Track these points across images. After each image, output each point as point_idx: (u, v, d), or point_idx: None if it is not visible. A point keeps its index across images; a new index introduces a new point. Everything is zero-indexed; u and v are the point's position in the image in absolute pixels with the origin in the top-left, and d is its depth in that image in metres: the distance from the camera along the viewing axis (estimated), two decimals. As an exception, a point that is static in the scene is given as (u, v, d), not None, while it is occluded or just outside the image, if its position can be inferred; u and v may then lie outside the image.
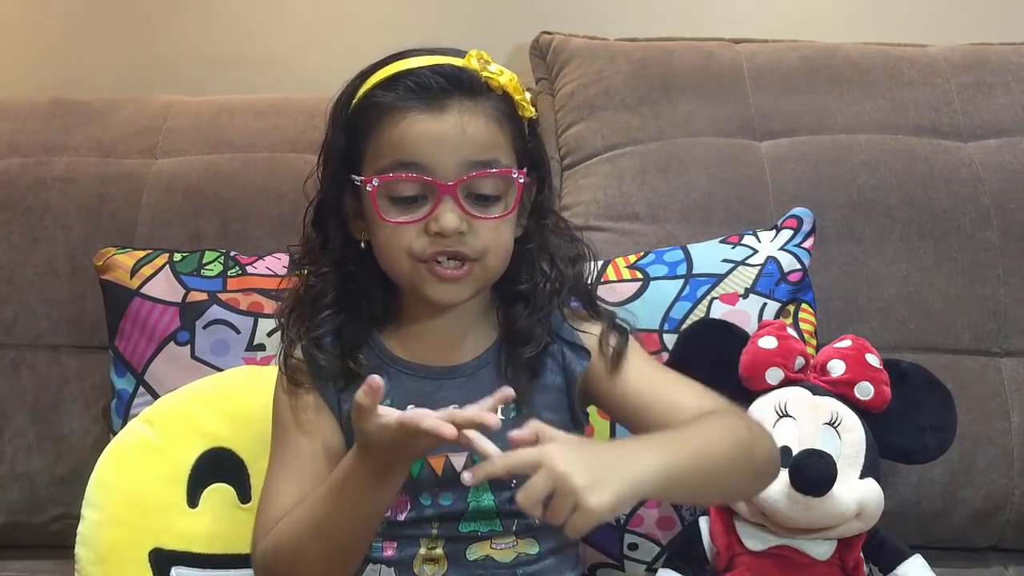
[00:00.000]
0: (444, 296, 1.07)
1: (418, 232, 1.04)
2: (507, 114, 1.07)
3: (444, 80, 1.05)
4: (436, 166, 1.03)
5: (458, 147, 1.04)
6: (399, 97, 1.05)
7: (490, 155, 1.05)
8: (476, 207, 1.05)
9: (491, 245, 1.06)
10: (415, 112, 1.04)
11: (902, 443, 1.23)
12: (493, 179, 1.05)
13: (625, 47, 1.64)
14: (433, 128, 1.04)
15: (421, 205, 1.05)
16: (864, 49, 1.63)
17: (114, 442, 1.26)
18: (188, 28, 1.83)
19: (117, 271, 1.38)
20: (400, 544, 1.07)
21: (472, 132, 1.04)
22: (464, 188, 1.04)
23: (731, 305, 1.32)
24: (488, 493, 1.07)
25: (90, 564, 1.21)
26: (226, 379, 1.29)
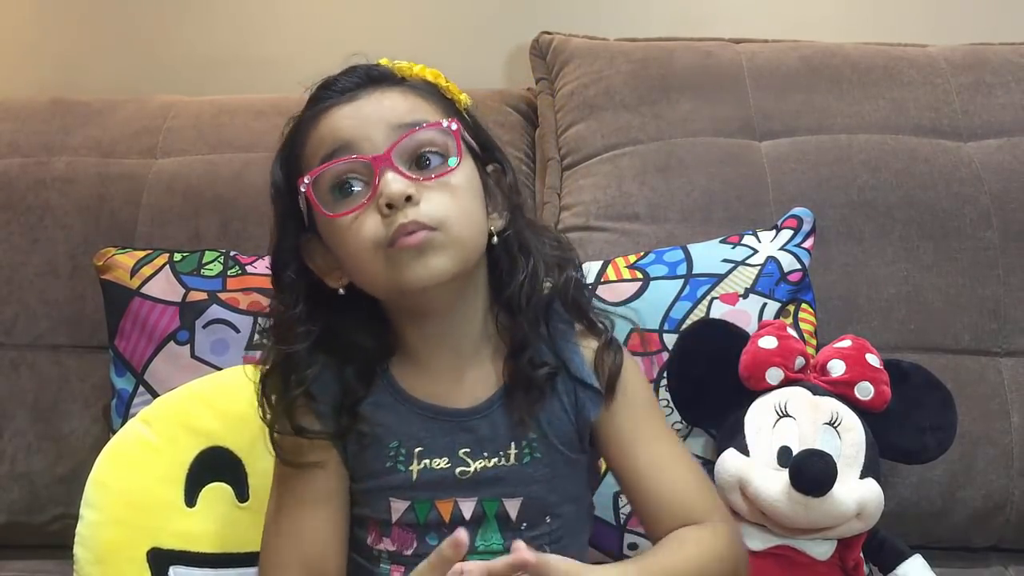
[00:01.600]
0: (420, 275, 0.99)
1: (372, 218, 0.98)
2: (432, 94, 1.05)
3: (357, 78, 1.04)
4: (364, 144, 1.00)
5: (380, 118, 1.00)
6: (317, 107, 1.04)
7: (415, 117, 1.01)
8: (419, 172, 1.00)
9: (450, 211, 0.99)
10: (333, 108, 1.03)
11: (902, 443, 1.22)
12: (426, 135, 1.00)
13: (625, 47, 1.64)
14: (351, 111, 1.02)
15: (365, 192, 0.99)
16: (864, 49, 1.63)
17: (112, 442, 1.26)
18: (188, 28, 1.83)
19: (117, 271, 1.38)
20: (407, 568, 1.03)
21: (391, 104, 1.02)
22: (400, 154, 1.00)
23: (731, 305, 1.32)
24: (497, 535, 1.04)
25: (88, 564, 1.21)
26: (224, 378, 1.29)
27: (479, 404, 1.06)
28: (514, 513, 1.04)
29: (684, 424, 1.29)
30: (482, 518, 1.03)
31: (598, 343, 1.08)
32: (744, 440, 1.19)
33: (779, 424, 1.19)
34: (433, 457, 1.04)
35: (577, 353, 1.07)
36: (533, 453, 1.05)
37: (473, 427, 1.05)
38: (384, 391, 1.06)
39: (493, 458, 1.04)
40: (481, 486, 1.03)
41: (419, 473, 1.04)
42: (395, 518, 1.04)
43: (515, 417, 1.04)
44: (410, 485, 1.04)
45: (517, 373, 1.05)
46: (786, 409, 1.19)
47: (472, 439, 1.04)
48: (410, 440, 1.04)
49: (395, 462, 1.04)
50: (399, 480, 1.04)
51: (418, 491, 1.04)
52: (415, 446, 1.04)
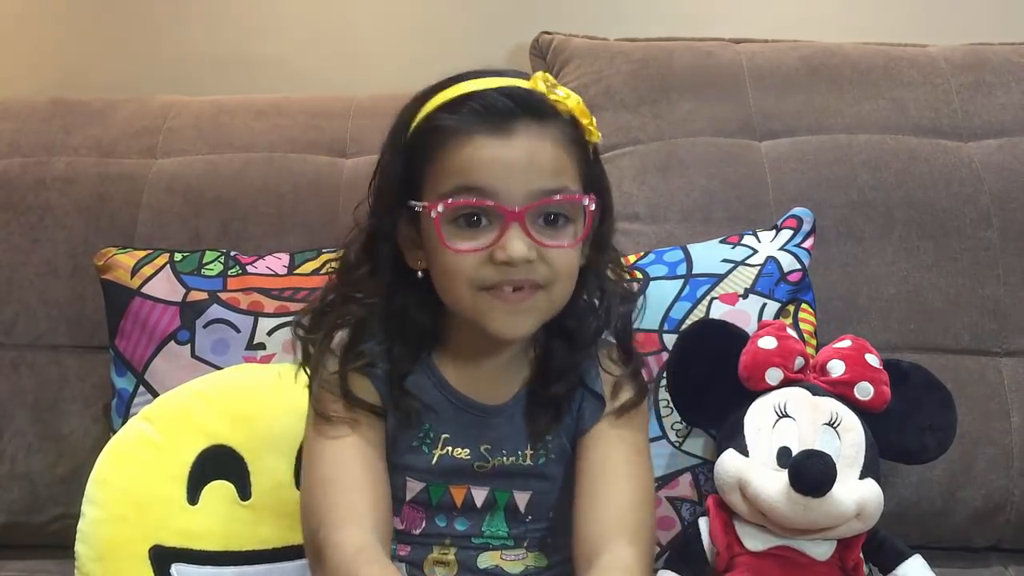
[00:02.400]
0: (507, 330, 1.02)
1: (483, 261, 1.00)
2: (574, 139, 1.03)
3: (511, 103, 1.00)
4: (503, 192, 0.99)
5: (526, 174, 0.99)
6: (463, 120, 1.00)
7: (558, 182, 1.01)
8: (544, 234, 1.01)
9: (561, 273, 1.02)
10: (481, 136, 0.99)
11: (902, 443, 1.22)
12: (562, 206, 1.01)
13: (625, 47, 1.64)
14: (500, 153, 0.99)
15: (486, 232, 1.00)
16: (864, 49, 1.63)
17: (114, 440, 1.26)
18: (188, 28, 1.83)
19: (118, 271, 1.38)
20: (414, 548, 1.09)
21: (540, 158, 1.00)
22: (532, 215, 1.00)
23: (731, 305, 1.32)
24: (503, 524, 1.08)
25: (90, 561, 1.21)
26: (226, 377, 1.29)
27: (504, 403, 1.09)
28: (523, 505, 1.08)
29: (684, 424, 1.29)
30: (492, 506, 1.08)
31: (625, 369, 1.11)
32: (744, 440, 1.19)
33: (779, 424, 1.19)
34: (456, 446, 1.08)
35: (594, 367, 1.10)
36: (548, 454, 1.09)
37: (496, 424, 1.08)
38: (425, 375, 1.09)
39: (511, 456, 1.08)
40: (496, 478, 1.07)
41: (439, 458, 1.07)
42: (408, 496, 1.08)
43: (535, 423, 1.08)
44: (428, 468, 1.07)
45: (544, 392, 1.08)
46: (786, 409, 1.19)
47: (494, 436, 1.08)
48: (440, 426, 1.08)
49: (421, 443, 1.08)
50: (420, 461, 1.07)
51: (435, 475, 1.07)
52: (443, 432, 1.07)
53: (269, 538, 1.20)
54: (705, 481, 1.28)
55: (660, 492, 1.29)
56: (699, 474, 1.29)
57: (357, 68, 1.79)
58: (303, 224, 1.50)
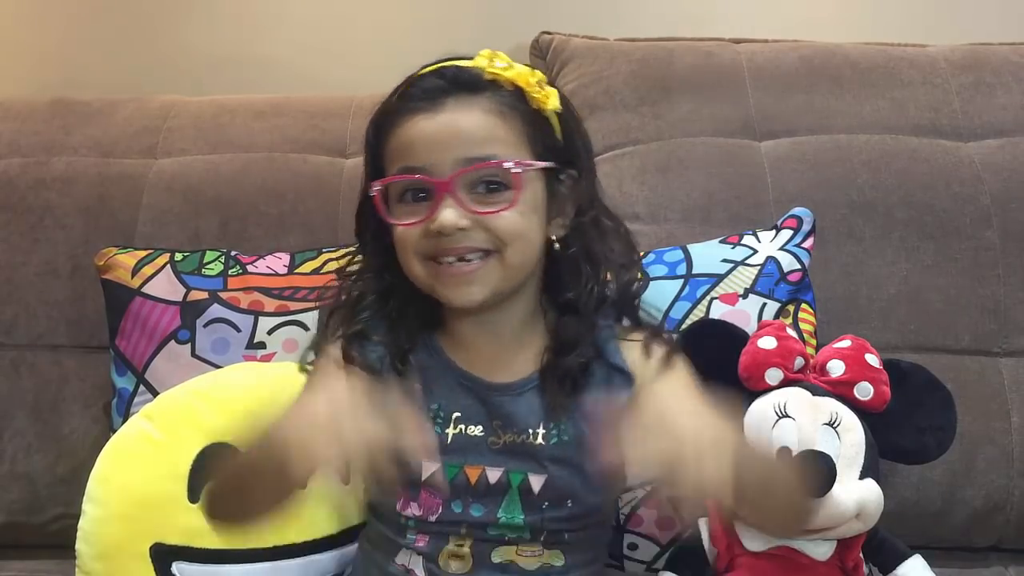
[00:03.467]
0: (457, 298, 1.07)
1: (423, 233, 1.05)
2: (512, 107, 1.06)
3: (443, 81, 1.06)
4: (433, 165, 1.04)
5: (451, 145, 1.04)
6: (403, 104, 1.07)
7: (486, 150, 1.05)
8: (482, 202, 1.04)
9: (504, 236, 1.05)
10: (415, 114, 1.06)
11: (902, 443, 1.22)
12: (493, 171, 1.04)
13: (625, 47, 1.64)
14: (427, 128, 1.05)
15: (426, 206, 1.05)
16: (864, 49, 1.62)
17: (114, 438, 1.27)
18: (188, 28, 1.83)
19: (118, 271, 1.38)
20: (432, 537, 1.09)
21: (466, 128, 1.05)
22: (465, 184, 1.04)
23: (731, 305, 1.32)
24: (519, 513, 1.08)
25: (91, 560, 1.21)
26: (227, 375, 1.29)
27: (515, 382, 1.10)
28: (537, 488, 1.07)
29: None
30: (506, 488, 1.08)
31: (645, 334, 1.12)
32: (744, 440, 1.19)
33: (779, 424, 1.19)
34: (469, 424, 1.09)
35: (612, 342, 1.11)
36: (562, 436, 1.08)
37: (507, 402, 1.09)
38: (430, 356, 1.11)
39: (522, 435, 1.08)
40: (510, 458, 1.07)
41: (454, 437, 1.08)
42: (424, 476, 1.08)
43: (550, 402, 1.08)
44: (444, 448, 1.08)
45: (557, 366, 1.09)
46: (785, 409, 1.19)
47: (505, 413, 1.09)
48: (450, 405, 1.09)
49: (433, 423, 1.09)
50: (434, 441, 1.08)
51: (450, 455, 1.08)
52: (454, 411, 1.09)
53: (269, 536, 1.20)
54: (705, 481, 1.28)
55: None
56: (699, 474, 1.28)
57: (357, 68, 1.79)
58: (303, 224, 1.50)
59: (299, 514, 1.20)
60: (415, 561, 1.09)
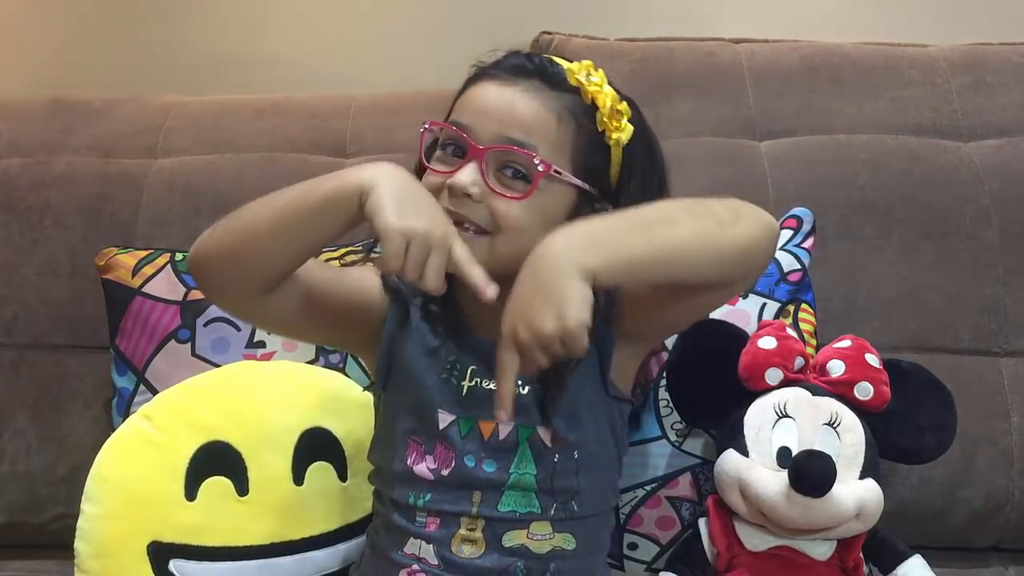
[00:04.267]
0: None
1: (442, 184, 1.06)
2: (575, 117, 1.08)
3: (529, 63, 1.09)
4: (476, 130, 1.06)
5: (501, 117, 1.06)
6: (489, 69, 1.10)
7: (529, 139, 1.05)
8: (500, 183, 1.05)
9: (502, 223, 1.05)
10: (491, 81, 1.08)
11: (902, 443, 1.23)
12: (521, 159, 1.05)
13: (625, 47, 1.64)
14: (489, 95, 1.07)
15: (455, 163, 1.07)
16: (864, 49, 1.62)
17: (113, 437, 1.27)
18: (188, 28, 1.83)
19: (119, 271, 1.38)
20: (442, 520, 1.09)
21: (522, 109, 1.06)
22: (494, 158, 1.05)
23: (731, 305, 1.32)
24: (531, 464, 1.08)
25: (90, 558, 1.21)
26: (224, 374, 1.30)
27: None
28: (547, 439, 1.09)
29: (684, 424, 1.29)
30: (516, 444, 1.09)
31: None
32: (744, 440, 1.19)
33: (779, 424, 1.19)
34: (483, 378, 1.10)
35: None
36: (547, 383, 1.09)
37: None
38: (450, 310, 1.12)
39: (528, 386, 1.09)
40: (520, 413, 1.06)
41: (469, 389, 1.10)
42: (441, 426, 1.09)
43: None
44: (459, 400, 1.10)
45: None
46: (785, 409, 1.19)
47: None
48: (466, 358, 1.11)
49: (450, 375, 1.11)
50: (451, 392, 1.10)
51: (466, 407, 1.09)
52: (470, 364, 1.10)
53: (267, 533, 1.20)
54: (705, 481, 1.28)
55: (660, 492, 1.29)
56: (699, 474, 1.29)
57: (357, 68, 1.79)
58: (303, 224, 1.49)
59: (297, 511, 1.21)
60: (426, 550, 1.09)
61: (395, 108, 1.59)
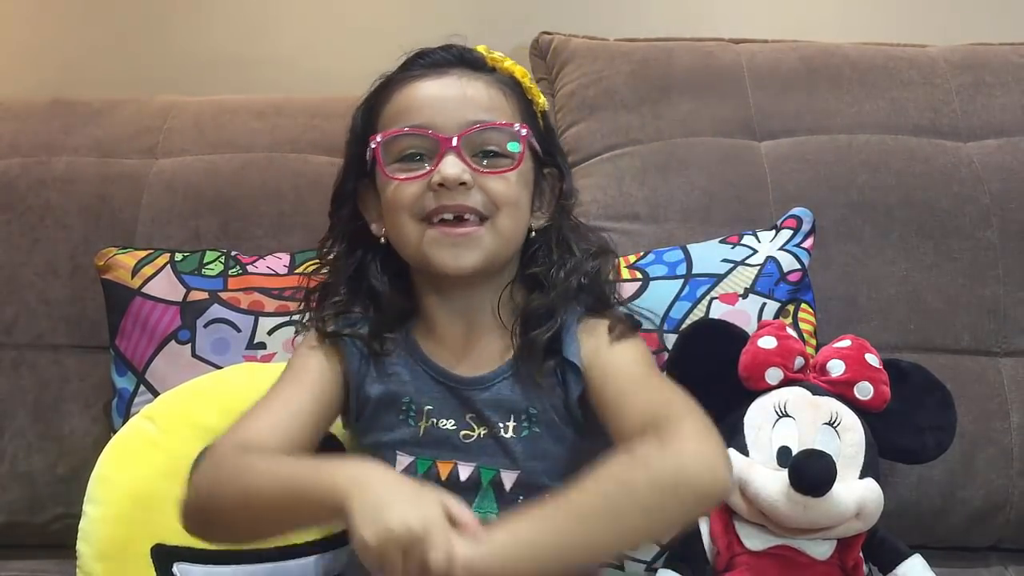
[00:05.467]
0: (451, 261, 1.07)
1: (422, 189, 1.06)
2: (513, 91, 1.11)
3: (450, 55, 1.11)
4: (439, 124, 1.06)
5: (459, 105, 1.07)
6: (408, 72, 1.11)
7: (491, 114, 1.08)
8: (482, 163, 1.07)
9: (500, 201, 1.07)
10: (419, 79, 1.09)
11: (902, 443, 1.23)
12: (496, 133, 1.07)
13: (625, 47, 1.64)
14: (435, 90, 1.08)
15: (427, 164, 1.07)
16: (864, 49, 1.63)
17: (115, 438, 1.27)
18: (188, 28, 1.83)
19: (119, 271, 1.38)
20: None
21: (472, 93, 1.08)
22: (468, 143, 1.06)
23: (731, 305, 1.32)
24: (492, 503, 1.07)
25: (92, 560, 1.21)
26: (227, 375, 1.30)
27: (485, 374, 1.11)
28: (509, 484, 1.07)
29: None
30: (478, 484, 1.07)
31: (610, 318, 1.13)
32: (744, 440, 1.19)
33: (778, 424, 1.19)
34: (441, 418, 1.09)
35: (573, 339, 1.11)
36: (532, 428, 1.09)
37: (477, 396, 1.09)
38: (404, 350, 1.12)
39: (494, 428, 1.08)
40: (482, 453, 1.07)
41: (426, 430, 1.09)
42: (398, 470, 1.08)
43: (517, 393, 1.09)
44: (416, 441, 1.09)
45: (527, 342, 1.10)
46: (785, 409, 1.19)
47: (476, 407, 1.09)
48: (422, 398, 1.10)
49: (406, 416, 1.10)
50: (407, 434, 1.09)
51: (423, 448, 1.09)
52: (426, 404, 1.09)
53: (271, 537, 1.20)
54: (705, 481, 1.28)
55: (660, 492, 1.29)
56: (699, 474, 1.28)
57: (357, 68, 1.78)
58: (303, 224, 1.50)
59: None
60: None
61: (395, 108, 1.59)
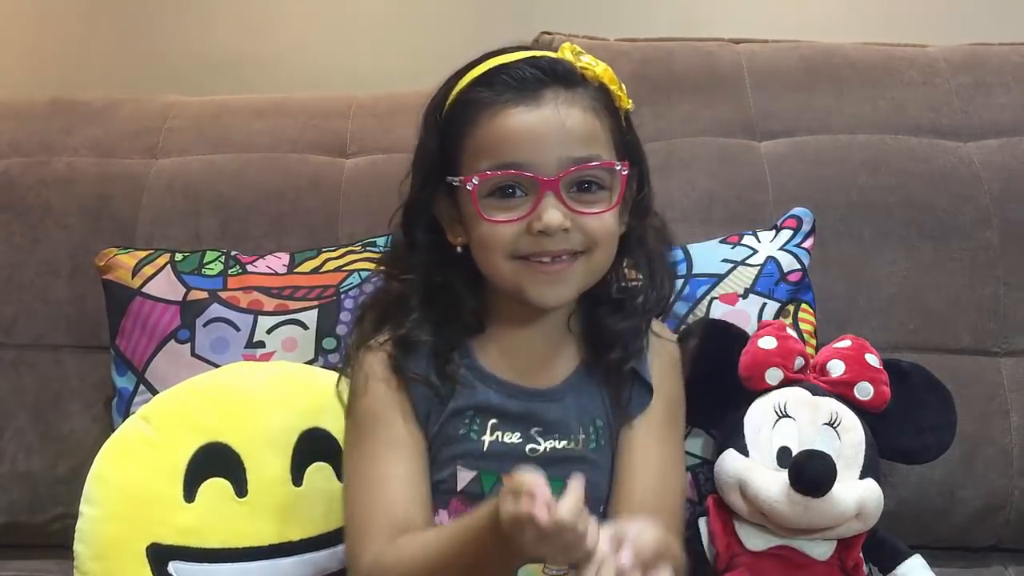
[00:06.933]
0: (547, 298, 1.05)
1: (519, 231, 1.03)
2: (604, 105, 1.07)
3: (539, 72, 1.04)
4: (536, 162, 1.02)
5: (558, 142, 1.02)
6: (495, 92, 1.04)
7: (590, 150, 1.04)
8: (579, 202, 1.03)
9: (599, 238, 1.04)
10: (511, 106, 1.03)
11: (902, 443, 1.22)
12: (595, 172, 1.04)
13: (625, 47, 1.64)
14: (531, 122, 1.02)
15: (522, 203, 1.03)
16: (864, 49, 1.62)
17: (112, 439, 1.26)
18: (188, 28, 1.83)
19: (119, 271, 1.38)
20: None
21: (571, 125, 1.03)
22: (566, 183, 1.03)
23: (731, 305, 1.32)
24: None
25: (89, 560, 1.21)
26: (223, 375, 1.29)
27: (554, 386, 1.09)
28: None
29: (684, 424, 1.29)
30: None
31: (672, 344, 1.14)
32: (744, 440, 1.19)
33: (779, 424, 1.19)
34: (506, 431, 1.07)
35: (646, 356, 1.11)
36: (599, 440, 1.09)
37: (547, 408, 1.08)
38: (465, 365, 1.09)
39: (563, 440, 1.07)
40: (548, 465, 1.03)
41: (490, 444, 1.07)
42: (460, 486, 1.06)
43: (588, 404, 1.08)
44: (480, 455, 1.07)
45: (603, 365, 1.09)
46: (786, 409, 1.19)
47: (545, 420, 1.07)
48: (485, 411, 1.07)
49: (468, 430, 1.07)
50: (470, 448, 1.07)
51: (488, 461, 1.06)
52: (490, 418, 1.07)
53: (266, 535, 1.20)
54: (705, 481, 1.28)
55: (660, 492, 1.29)
56: (699, 474, 1.29)
57: (357, 68, 1.79)
58: (303, 224, 1.50)
59: (296, 512, 1.21)
60: None
61: (395, 108, 1.59)
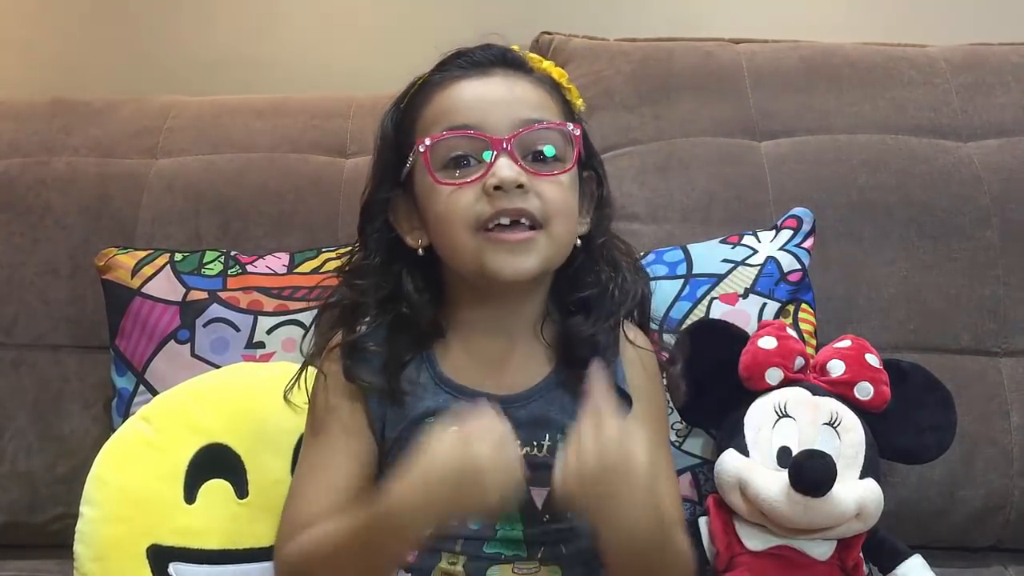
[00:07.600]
0: (507, 269, 1.03)
1: (476, 195, 1.02)
2: (555, 89, 1.09)
3: (491, 55, 1.08)
4: (487, 124, 1.03)
5: (508, 105, 1.04)
6: (447, 73, 1.07)
7: (541, 113, 1.05)
8: (534, 165, 1.03)
9: (555, 208, 1.03)
10: (464, 79, 1.06)
11: (902, 443, 1.22)
12: (549, 134, 1.04)
13: (625, 47, 1.64)
14: (481, 89, 1.05)
15: (477, 169, 1.03)
16: (864, 49, 1.63)
17: (112, 439, 1.27)
18: (188, 28, 1.83)
19: (118, 271, 1.38)
20: (422, 553, 1.04)
21: (520, 92, 1.05)
22: (519, 145, 1.03)
23: (731, 305, 1.32)
24: (519, 526, 1.04)
25: (89, 561, 1.21)
26: (223, 376, 1.29)
27: (520, 392, 1.08)
28: (539, 502, 1.04)
29: (684, 424, 1.29)
30: None
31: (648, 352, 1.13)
32: (744, 440, 1.19)
33: (779, 424, 1.19)
34: None
35: (621, 363, 1.10)
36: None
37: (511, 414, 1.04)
38: (425, 373, 1.08)
39: (526, 447, 1.05)
40: None
41: None
42: None
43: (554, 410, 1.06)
44: None
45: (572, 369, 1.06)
46: (786, 409, 1.19)
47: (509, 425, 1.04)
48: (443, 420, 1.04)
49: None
50: None
51: None
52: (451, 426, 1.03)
53: (266, 536, 1.20)
54: (705, 481, 1.28)
55: (660, 492, 1.29)
56: (699, 474, 1.29)
57: (357, 68, 1.79)
58: (303, 224, 1.50)
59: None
60: None
61: (395, 108, 1.59)
